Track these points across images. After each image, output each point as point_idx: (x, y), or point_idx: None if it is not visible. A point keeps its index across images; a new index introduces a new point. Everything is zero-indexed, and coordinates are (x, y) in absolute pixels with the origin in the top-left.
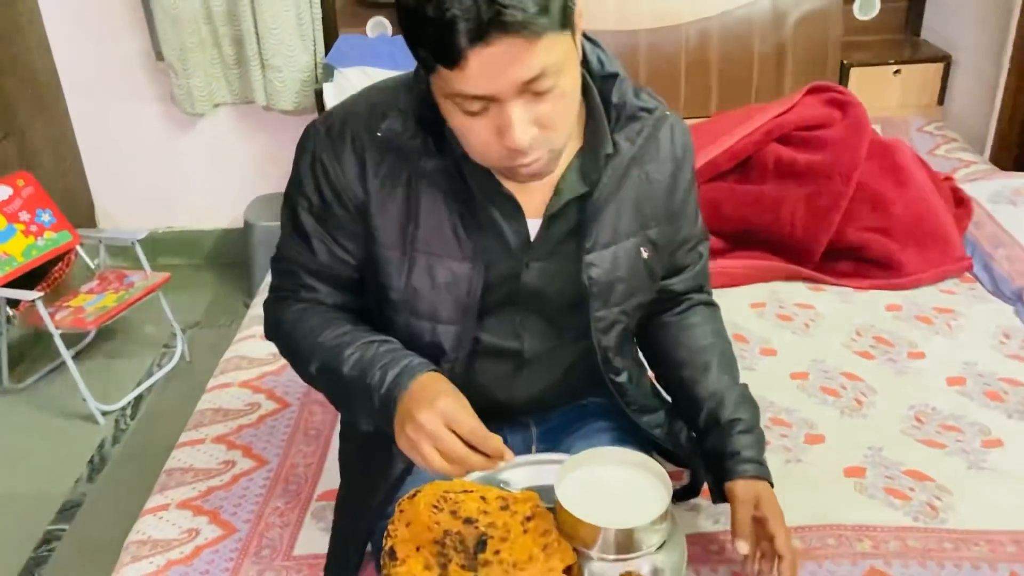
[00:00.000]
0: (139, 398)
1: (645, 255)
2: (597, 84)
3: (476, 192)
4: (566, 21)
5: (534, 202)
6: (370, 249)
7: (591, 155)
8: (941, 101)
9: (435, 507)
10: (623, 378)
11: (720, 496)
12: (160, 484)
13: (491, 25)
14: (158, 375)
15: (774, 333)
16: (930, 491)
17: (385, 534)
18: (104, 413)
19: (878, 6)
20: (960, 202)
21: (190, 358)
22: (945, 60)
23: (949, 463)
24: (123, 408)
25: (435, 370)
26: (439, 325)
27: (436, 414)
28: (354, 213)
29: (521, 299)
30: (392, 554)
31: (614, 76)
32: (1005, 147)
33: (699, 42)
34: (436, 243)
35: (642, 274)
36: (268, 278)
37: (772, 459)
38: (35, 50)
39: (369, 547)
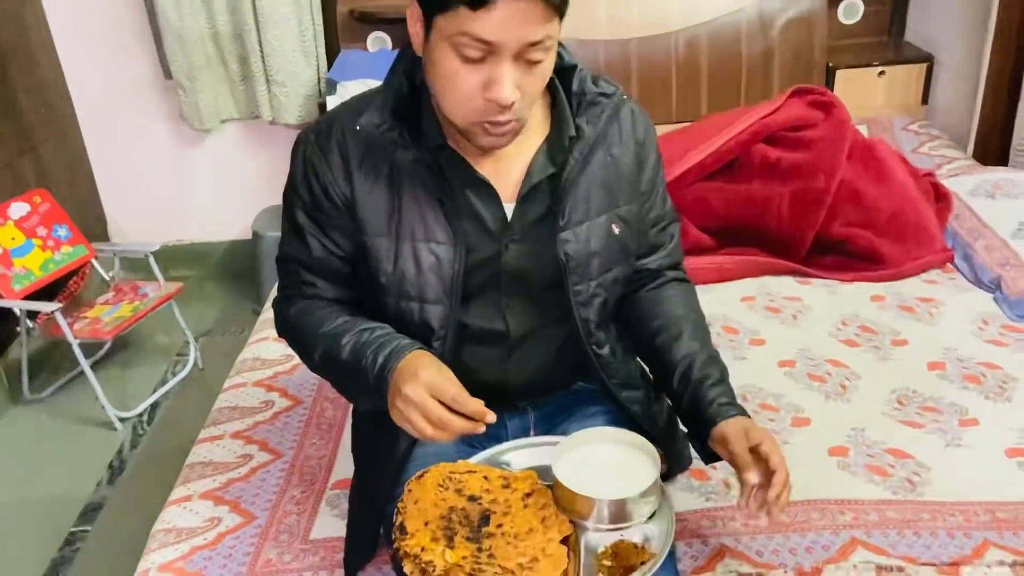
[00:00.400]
0: (155, 405)
1: (616, 231)
2: (559, 76)
3: (452, 179)
4: (564, 13)
5: (508, 187)
6: (359, 239)
7: (557, 139)
8: (925, 100)
9: (441, 486)
10: (605, 351)
11: (708, 454)
12: (183, 477)
13: None
14: (172, 382)
15: (763, 324)
16: (909, 467)
17: (395, 511)
18: (122, 419)
19: (862, 10)
20: (940, 196)
21: (203, 365)
22: (928, 61)
23: (928, 441)
24: (140, 414)
25: (421, 348)
26: (426, 305)
27: (420, 385)
28: (341, 208)
29: (503, 280)
30: (403, 528)
31: (573, 67)
32: (987, 143)
33: (688, 49)
34: (419, 229)
35: (616, 249)
36: (276, 288)
37: None
38: (48, 72)
39: (382, 531)
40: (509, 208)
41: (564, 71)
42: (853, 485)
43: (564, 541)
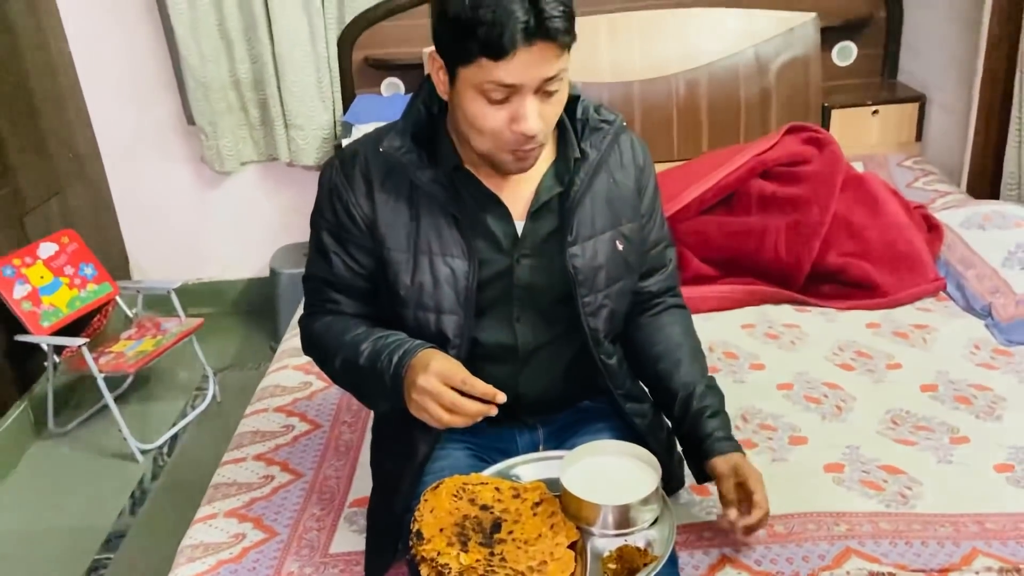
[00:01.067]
0: (174, 437)
1: (620, 247)
2: (564, 106)
3: (467, 198)
4: (572, 45)
5: (518, 206)
6: (380, 255)
7: (563, 162)
8: (919, 138)
9: (455, 496)
10: (613, 361)
11: (702, 475)
12: (208, 497)
13: (538, 31)
14: (191, 415)
15: (763, 350)
16: (902, 482)
17: (412, 520)
18: (143, 451)
19: (856, 52)
20: (932, 227)
21: (220, 399)
22: (920, 100)
23: (920, 458)
24: (160, 446)
25: (432, 347)
26: (443, 315)
27: (431, 374)
28: (363, 227)
29: (515, 294)
30: (419, 535)
31: (576, 97)
32: (979, 178)
33: (689, 90)
34: (436, 243)
35: (620, 263)
36: (293, 322)
37: (759, 458)
38: (75, 117)
39: (400, 545)
40: (520, 226)
41: (568, 100)
42: (848, 499)
43: (572, 546)
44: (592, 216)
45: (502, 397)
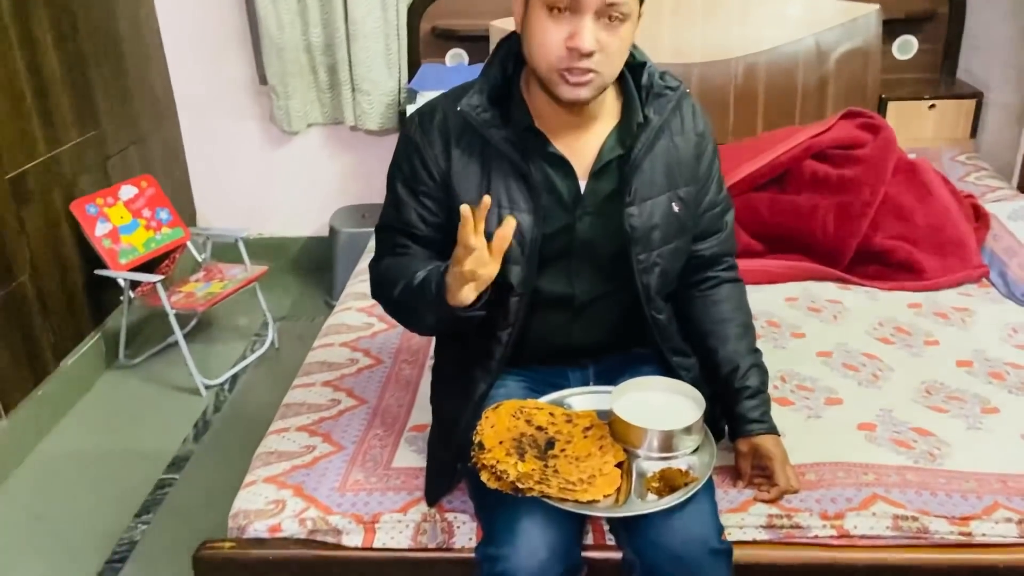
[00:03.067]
0: (235, 376)
1: (676, 209)
2: (629, 71)
3: (535, 156)
4: None
5: (582, 165)
6: (453, 207)
7: (626, 126)
8: (973, 134)
9: (513, 416)
10: (663, 317)
11: (733, 436)
12: (280, 413)
13: None
14: (252, 358)
15: (804, 321)
16: (931, 443)
17: (473, 433)
18: (207, 387)
19: (916, 47)
20: (979, 216)
21: (278, 345)
22: (977, 97)
23: (950, 424)
24: (222, 384)
25: None
26: (508, 265)
27: (458, 249)
28: (438, 180)
29: (575, 249)
30: (481, 446)
31: (643, 64)
32: None
33: (747, 75)
34: (504, 197)
35: (675, 225)
36: (356, 270)
37: (795, 416)
38: (156, 73)
39: (459, 466)
40: (583, 185)
41: (635, 67)
42: (878, 453)
43: (619, 466)
44: (651, 178)
45: (487, 200)
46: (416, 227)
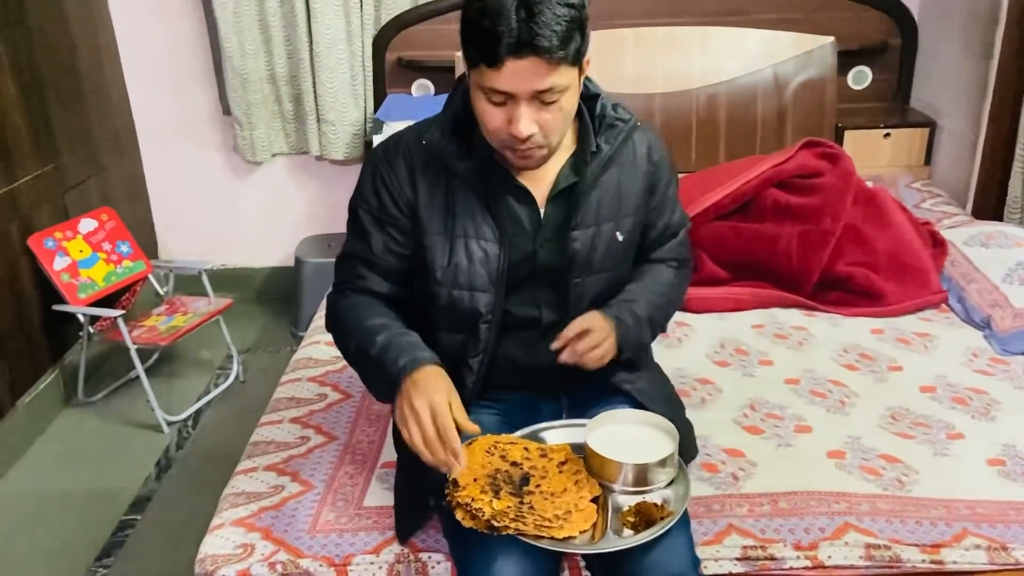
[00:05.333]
0: (199, 412)
1: (620, 238)
2: (586, 104)
3: (496, 187)
4: (577, 61)
5: (542, 194)
6: (419, 237)
7: (581, 154)
8: (927, 161)
9: (488, 452)
10: None
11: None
12: (247, 452)
13: (526, 46)
14: (215, 392)
15: (771, 348)
16: (899, 470)
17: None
18: (169, 423)
19: (870, 77)
20: (937, 243)
21: (243, 378)
22: (930, 125)
23: (917, 450)
24: (185, 419)
25: (439, 365)
26: (476, 293)
27: (427, 404)
28: (404, 211)
29: (539, 275)
30: (455, 483)
31: (596, 96)
32: (984, 201)
33: (708, 105)
34: (471, 228)
35: (616, 253)
36: (321, 305)
37: (766, 444)
38: (117, 104)
39: (432, 502)
40: (543, 213)
41: (589, 98)
42: (848, 481)
43: (594, 501)
44: (597, 206)
45: (464, 458)
46: (380, 257)
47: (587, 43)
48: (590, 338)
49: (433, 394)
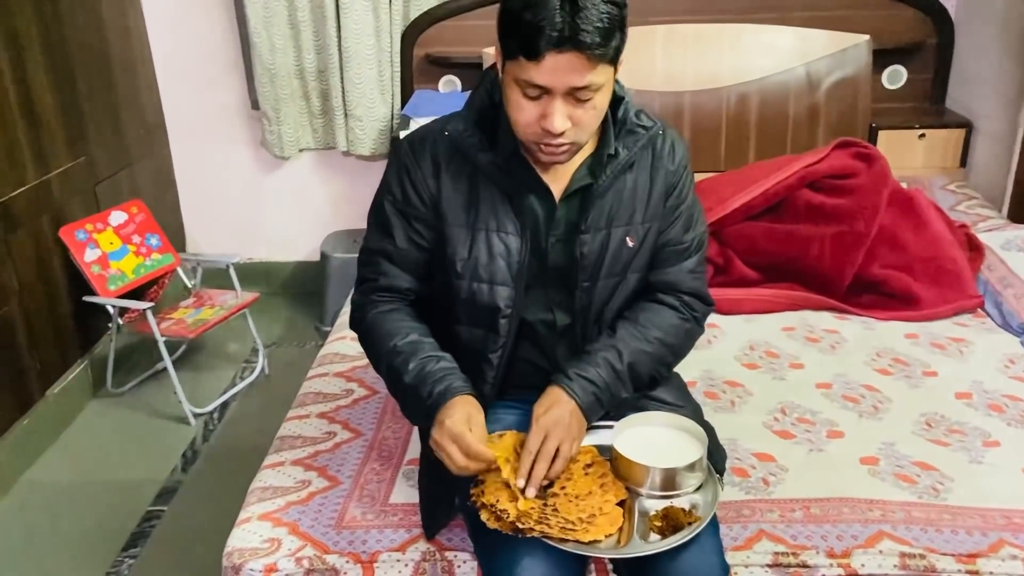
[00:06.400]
0: (224, 404)
1: (630, 243)
2: (610, 106)
3: (519, 181)
4: (615, 59)
5: (558, 192)
6: (441, 230)
7: (599, 156)
8: (963, 163)
9: (515, 450)
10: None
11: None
12: (275, 446)
13: (568, 40)
14: (241, 385)
15: (803, 351)
16: (934, 478)
17: None
18: (195, 415)
19: (905, 76)
20: (974, 247)
21: (268, 372)
22: (967, 127)
23: (952, 457)
24: (211, 412)
25: (471, 394)
26: (495, 287)
27: (449, 432)
28: (428, 203)
29: (549, 274)
30: (481, 483)
31: (621, 99)
32: (1020, 204)
33: (739, 104)
34: (492, 221)
35: (624, 258)
36: (345, 302)
37: (797, 450)
38: (147, 98)
39: (457, 501)
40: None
41: (614, 101)
42: (882, 489)
43: (620, 504)
44: (610, 210)
45: (494, 461)
46: (403, 251)
47: (625, 43)
48: (545, 450)
49: (456, 425)
